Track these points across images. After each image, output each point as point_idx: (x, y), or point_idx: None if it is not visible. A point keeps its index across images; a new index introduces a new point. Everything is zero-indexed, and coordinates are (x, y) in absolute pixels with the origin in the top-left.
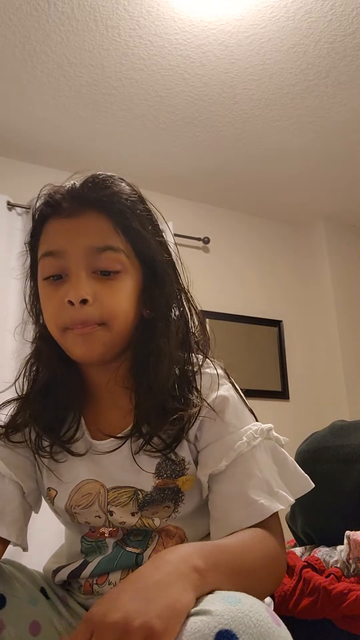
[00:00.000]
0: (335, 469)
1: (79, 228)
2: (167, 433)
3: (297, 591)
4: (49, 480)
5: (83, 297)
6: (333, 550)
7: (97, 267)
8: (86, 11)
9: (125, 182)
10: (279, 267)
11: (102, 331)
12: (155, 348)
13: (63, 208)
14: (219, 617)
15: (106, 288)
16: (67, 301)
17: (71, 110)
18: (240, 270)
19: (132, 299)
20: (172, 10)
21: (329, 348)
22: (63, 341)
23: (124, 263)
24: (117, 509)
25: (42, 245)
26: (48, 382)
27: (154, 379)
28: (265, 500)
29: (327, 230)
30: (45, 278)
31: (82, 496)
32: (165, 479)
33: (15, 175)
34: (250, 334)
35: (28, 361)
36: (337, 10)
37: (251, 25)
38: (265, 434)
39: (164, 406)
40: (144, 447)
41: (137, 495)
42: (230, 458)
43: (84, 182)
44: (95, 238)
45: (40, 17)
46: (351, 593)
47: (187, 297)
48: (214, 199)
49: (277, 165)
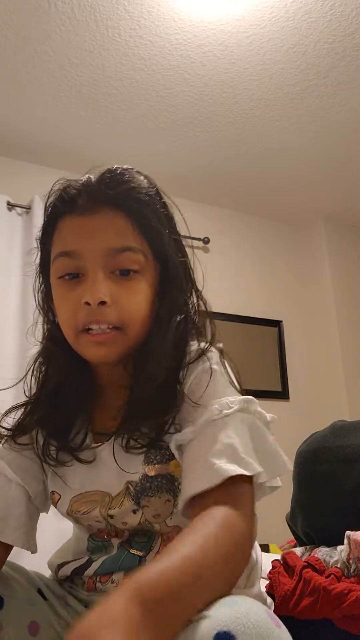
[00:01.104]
0: (335, 469)
1: (96, 227)
2: (150, 427)
3: (297, 591)
4: (53, 484)
5: (101, 299)
6: (333, 550)
7: (115, 267)
8: (86, 11)
9: (143, 174)
10: (279, 267)
11: (118, 336)
12: (148, 354)
13: (78, 205)
14: (217, 619)
15: (124, 289)
16: (83, 302)
17: (71, 110)
18: (240, 270)
19: (148, 301)
20: (172, 11)
21: (329, 348)
22: (77, 344)
23: (142, 263)
24: (115, 511)
25: (56, 244)
26: (58, 385)
27: (143, 382)
28: (225, 463)
29: (327, 230)
30: (59, 277)
31: (83, 503)
32: (157, 465)
33: (15, 175)
34: (250, 334)
35: (36, 360)
36: (337, 11)
37: (251, 25)
38: (242, 404)
39: (152, 403)
40: (127, 445)
41: (129, 488)
42: (197, 424)
43: (101, 178)
44: (114, 238)
45: (41, 17)
46: (351, 593)
47: (197, 298)
48: (214, 199)
49: (277, 165)
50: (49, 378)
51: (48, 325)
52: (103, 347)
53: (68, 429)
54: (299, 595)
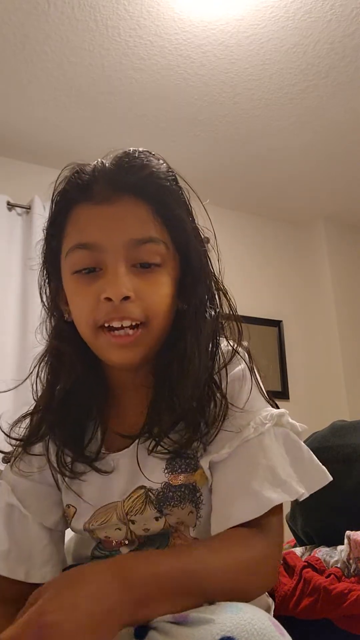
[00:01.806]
0: (335, 468)
1: (117, 217)
2: (180, 434)
3: (297, 591)
4: (68, 497)
5: (125, 294)
6: (333, 550)
7: (136, 260)
8: (86, 11)
9: (160, 157)
10: (279, 267)
11: (142, 335)
12: (183, 350)
13: (94, 193)
14: (221, 624)
15: (147, 283)
16: (104, 298)
17: (71, 110)
18: (240, 270)
19: (172, 294)
20: (172, 10)
21: (329, 348)
22: (95, 343)
23: (164, 255)
24: (137, 517)
25: (70, 235)
26: (70, 388)
27: (178, 384)
28: (269, 491)
29: (327, 230)
30: (76, 271)
31: (100, 514)
32: (181, 474)
33: (15, 175)
34: (250, 334)
35: (40, 361)
36: (337, 11)
37: (251, 25)
38: (276, 419)
39: (181, 410)
40: (154, 450)
41: (149, 496)
42: (234, 445)
43: (119, 163)
44: (136, 229)
45: (40, 17)
46: (351, 593)
47: (220, 290)
48: (214, 199)
49: (277, 165)
50: (59, 380)
51: (54, 323)
52: (126, 351)
53: (81, 436)
54: (299, 595)
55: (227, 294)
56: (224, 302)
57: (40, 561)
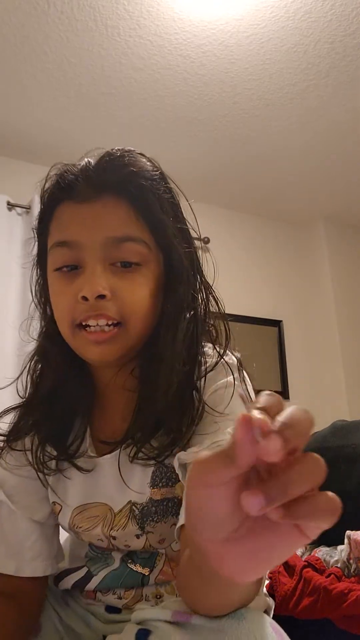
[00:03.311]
0: (336, 468)
1: (96, 216)
2: (160, 440)
3: (297, 591)
4: (53, 495)
5: (99, 292)
6: (333, 550)
7: (115, 258)
8: (86, 11)
9: (145, 157)
10: (279, 267)
11: (119, 334)
12: (157, 355)
13: (77, 191)
14: (222, 633)
15: (126, 282)
16: (80, 297)
17: (71, 110)
18: (240, 270)
19: (152, 295)
20: (172, 10)
21: (329, 348)
22: (73, 341)
23: (145, 255)
24: (118, 533)
25: (53, 233)
26: (54, 386)
27: (155, 387)
28: None
29: (327, 230)
30: (56, 269)
31: (86, 518)
32: (162, 488)
33: (15, 175)
34: (250, 333)
35: (32, 358)
36: (337, 10)
37: (251, 25)
38: None
39: (162, 415)
40: (135, 456)
41: (133, 510)
42: (204, 445)
43: (100, 161)
44: (115, 227)
45: (40, 17)
46: (351, 593)
47: (210, 293)
48: (214, 199)
49: (277, 166)
50: (45, 378)
51: (44, 322)
52: (102, 347)
53: (65, 434)
54: (299, 595)
55: (216, 296)
56: (212, 304)
57: (30, 556)
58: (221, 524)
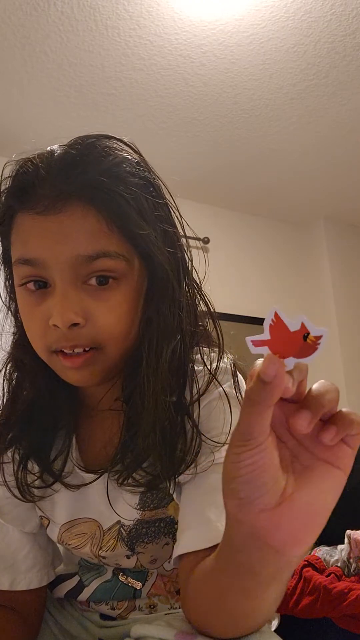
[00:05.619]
0: None
1: (62, 230)
2: (151, 469)
3: (297, 590)
4: (41, 509)
5: (72, 321)
6: (333, 549)
7: (88, 276)
8: (86, 11)
9: (121, 141)
10: (279, 267)
11: (96, 356)
12: (140, 378)
13: (37, 200)
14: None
15: (101, 303)
16: (52, 325)
17: (71, 111)
18: (240, 270)
19: (132, 312)
20: (172, 10)
21: (329, 348)
22: (50, 364)
23: (123, 268)
24: (108, 553)
25: (15, 245)
26: (33, 400)
27: (140, 409)
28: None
29: (327, 230)
30: (22, 284)
31: (75, 535)
32: (153, 510)
33: None
34: (250, 334)
35: (5, 366)
36: (337, 10)
37: (251, 25)
38: None
39: (144, 442)
40: (124, 482)
41: (121, 532)
42: (199, 467)
43: (63, 162)
44: (84, 243)
45: (40, 17)
46: (351, 592)
47: (198, 299)
48: (214, 199)
49: (277, 165)
50: (22, 391)
51: (17, 329)
52: (81, 372)
53: (47, 449)
54: (299, 594)
55: (207, 299)
56: (203, 306)
57: (25, 567)
58: (273, 485)
